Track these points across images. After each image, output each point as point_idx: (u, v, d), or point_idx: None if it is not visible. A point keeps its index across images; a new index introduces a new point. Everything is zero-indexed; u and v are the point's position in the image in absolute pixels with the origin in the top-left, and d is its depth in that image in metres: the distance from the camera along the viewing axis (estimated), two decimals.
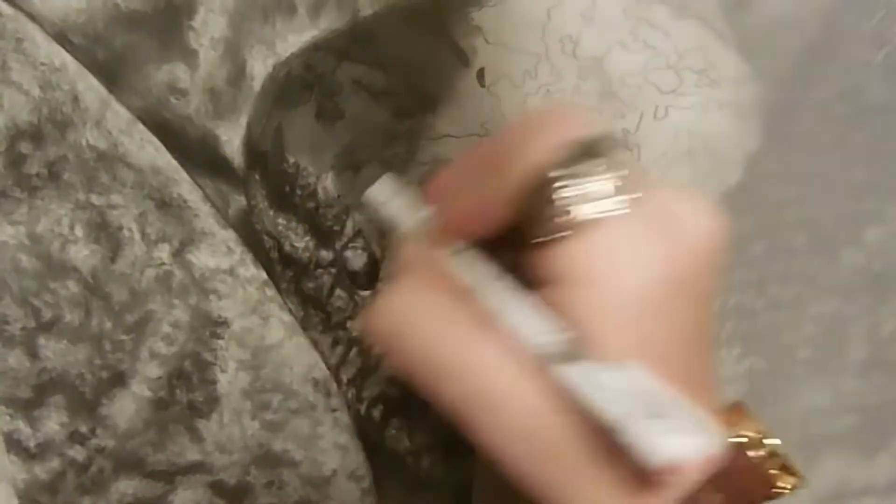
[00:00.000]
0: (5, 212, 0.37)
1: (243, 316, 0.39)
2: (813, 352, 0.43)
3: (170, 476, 0.40)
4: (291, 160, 0.38)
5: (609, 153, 0.27)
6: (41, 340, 0.38)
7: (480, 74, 0.39)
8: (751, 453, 0.29)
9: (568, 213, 0.27)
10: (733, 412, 0.30)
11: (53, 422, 0.39)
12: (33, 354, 0.38)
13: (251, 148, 0.38)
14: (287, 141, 0.38)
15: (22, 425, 0.39)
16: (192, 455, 0.40)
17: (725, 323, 0.43)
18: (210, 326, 0.39)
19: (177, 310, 0.39)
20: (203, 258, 0.39)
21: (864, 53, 0.40)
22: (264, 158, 0.38)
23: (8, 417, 0.39)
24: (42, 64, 0.36)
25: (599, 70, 0.39)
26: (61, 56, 0.36)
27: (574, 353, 0.26)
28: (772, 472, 0.29)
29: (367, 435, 0.41)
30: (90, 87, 0.36)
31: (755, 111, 0.41)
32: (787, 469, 0.29)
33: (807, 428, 0.44)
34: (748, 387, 0.43)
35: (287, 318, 0.40)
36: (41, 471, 0.39)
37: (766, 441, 0.29)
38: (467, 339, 0.28)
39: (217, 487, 0.40)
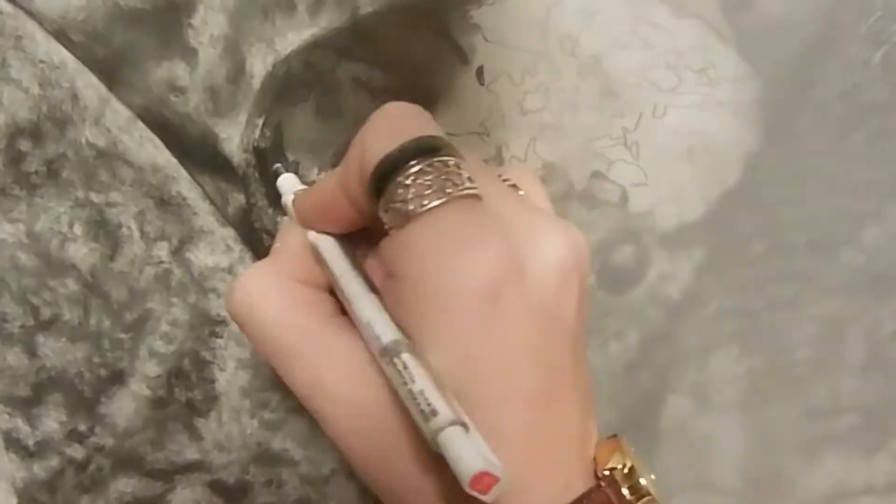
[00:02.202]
0: (4, 210, 0.37)
1: None
2: (813, 352, 0.43)
3: (168, 475, 0.40)
4: (291, 158, 0.38)
5: (444, 153, 0.27)
6: (40, 339, 0.38)
7: (480, 72, 0.39)
8: (623, 490, 0.28)
9: (398, 208, 0.27)
10: (608, 444, 0.29)
11: (52, 420, 0.39)
12: (32, 353, 0.38)
13: (251, 146, 0.38)
14: (287, 139, 0.38)
15: (21, 423, 0.39)
16: (191, 454, 0.40)
17: (725, 322, 0.43)
18: (209, 325, 0.39)
19: (176, 308, 0.39)
20: (202, 256, 0.39)
21: (862, 53, 0.40)
22: (264, 156, 0.38)
23: (7, 416, 0.39)
24: (41, 61, 0.36)
25: (599, 69, 0.39)
26: (61, 54, 0.36)
27: (401, 354, 0.26)
28: None
29: None
30: (89, 85, 0.36)
31: (754, 110, 0.41)
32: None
33: (807, 428, 0.44)
34: (748, 387, 0.43)
35: None
36: (40, 469, 0.39)
37: (638, 477, 0.28)
38: (308, 327, 0.29)
39: (216, 486, 0.40)
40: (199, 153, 0.38)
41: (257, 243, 0.39)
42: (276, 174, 0.35)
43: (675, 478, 0.44)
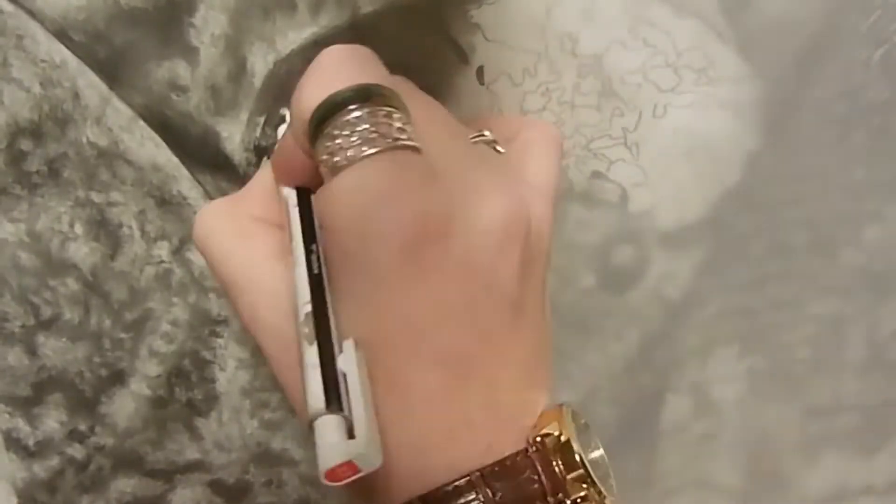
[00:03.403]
0: (5, 209, 0.37)
1: None
2: (813, 352, 0.43)
3: (169, 475, 0.40)
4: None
5: (379, 101, 0.27)
6: (40, 338, 0.38)
7: (480, 72, 0.39)
8: (553, 460, 0.26)
9: (327, 160, 0.27)
10: (548, 414, 0.28)
11: (53, 420, 0.39)
12: (33, 352, 0.38)
13: (252, 145, 0.38)
14: None
15: (21, 423, 0.39)
16: (192, 453, 0.40)
17: (725, 322, 0.43)
18: (209, 325, 0.39)
19: (176, 308, 0.39)
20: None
21: (862, 53, 0.40)
22: (265, 155, 0.38)
23: (7, 415, 0.39)
24: (42, 61, 0.36)
25: (599, 68, 0.39)
26: (62, 53, 0.36)
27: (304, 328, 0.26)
28: (567, 481, 0.26)
29: None
30: (91, 85, 0.36)
31: (754, 110, 0.41)
32: (589, 482, 0.27)
33: (806, 428, 0.44)
34: (748, 387, 0.43)
35: None
36: (40, 469, 0.39)
37: (575, 452, 0.27)
38: (252, 263, 0.29)
39: (216, 486, 0.40)
40: (200, 152, 0.38)
41: None
42: (283, 119, 0.34)
43: (675, 478, 0.44)
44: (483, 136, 0.32)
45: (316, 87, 0.27)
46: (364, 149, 0.26)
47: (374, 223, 0.26)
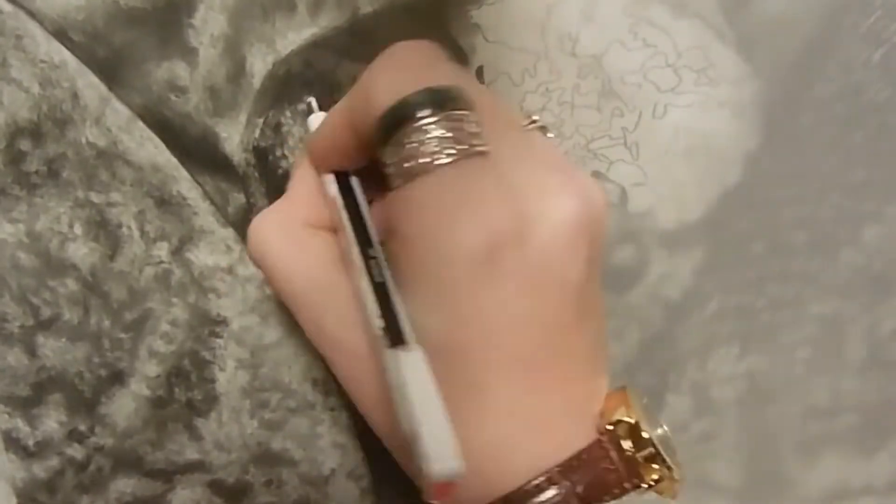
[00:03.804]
0: (4, 209, 0.37)
1: (242, 314, 0.39)
2: (812, 351, 0.43)
3: (168, 475, 0.40)
4: (291, 158, 0.38)
5: (455, 105, 0.26)
6: (40, 339, 0.38)
7: (479, 72, 0.39)
8: (624, 444, 0.27)
9: (401, 164, 0.26)
10: (613, 397, 0.28)
11: (52, 420, 0.39)
12: (32, 353, 0.38)
13: (251, 145, 0.38)
14: (286, 139, 0.38)
15: (21, 424, 0.39)
16: (191, 454, 0.40)
17: (725, 322, 0.43)
18: (209, 325, 0.39)
19: (176, 308, 0.39)
20: (202, 256, 0.39)
21: (861, 53, 0.40)
22: (264, 156, 0.38)
23: (7, 416, 0.38)
24: (42, 61, 0.36)
25: (599, 68, 0.39)
26: (61, 53, 0.36)
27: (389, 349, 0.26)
28: (640, 463, 0.27)
29: (367, 434, 0.41)
30: (90, 85, 0.36)
31: (754, 110, 0.41)
32: (659, 461, 0.27)
33: (806, 428, 0.44)
34: (748, 386, 0.43)
35: (286, 316, 0.39)
36: (40, 469, 0.39)
37: (643, 431, 0.27)
38: (313, 274, 0.29)
39: (216, 486, 0.40)
40: (199, 153, 0.38)
41: None
42: (309, 109, 0.34)
43: None
44: (534, 121, 0.31)
45: (388, 84, 0.27)
46: (439, 156, 0.26)
47: (451, 232, 0.26)
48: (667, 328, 0.43)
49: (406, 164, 0.26)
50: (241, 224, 0.39)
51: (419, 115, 0.26)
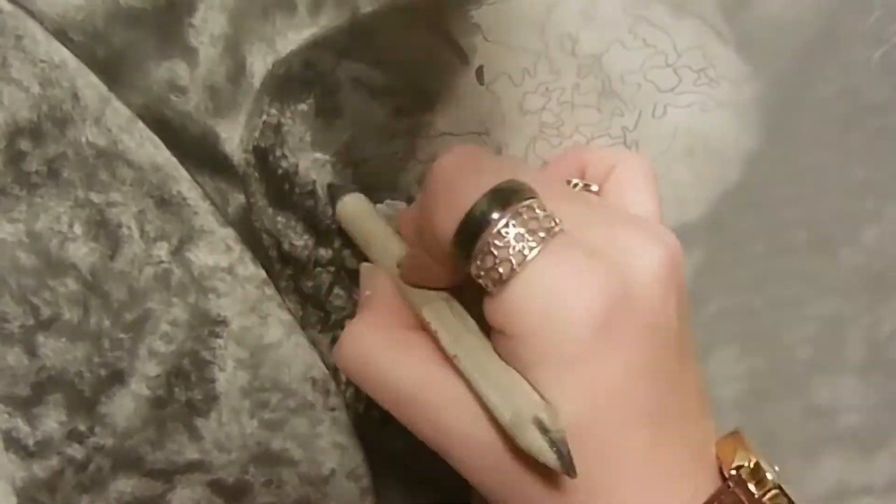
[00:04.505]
0: (4, 209, 0.37)
1: (242, 314, 0.39)
2: (813, 352, 0.43)
3: (168, 475, 0.40)
4: (291, 158, 0.38)
5: (519, 198, 0.27)
6: (40, 338, 0.38)
7: (479, 72, 0.39)
8: (750, 486, 0.28)
9: (489, 273, 0.27)
10: (728, 443, 0.29)
11: (52, 420, 0.39)
12: (32, 352, 0.38)
13: (251, 145, 0.38)
14: (286, 139, 0.38)
15: (20, 423, 0.39)
16: (191, 454, 0.40)
17: (725, 322, 0.43)
18: (209, 325, 0.39)
19: (175, 308, 0.39)
20: (202, 256, 0.39)
21: (861, 53, 0.40)
22: (264, 156, 0.38)
23: (6, 416, 0.38)
24: (42, 61, 0.36)
25: (598, 68, 0.39)
26: (61, 53, 0.36)
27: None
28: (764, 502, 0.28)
29: (367, 434, 0.41)
30: (90, 85, 0.36)
31: (754, 110, 0.41)
32: (786, 500, 0.28)
33: (806, 428, 0.44)
34: (748, 387, 0.43)
35: (286, 316, 0.39)
36: (39, 469, 0.39)
37: (765, 472, 0.28)
38: (424, 375, 0.29)
39: (216, 486, 0.40)
40: (199, 153, 0.38)
41: (257, 243, 0.39)
42: (345, 190, 0.34)
43: None
44: (577, 183, 0.32)
45: (446, 209, 0.27)
46: (525, 253, 0.26)
47: (561, 317, 0.26)
48: None
49: (496, 272, 0.26)
50: (241, 224, 0.39)
51: (490, 220, 0.26)
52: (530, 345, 0.27)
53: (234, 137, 0.38)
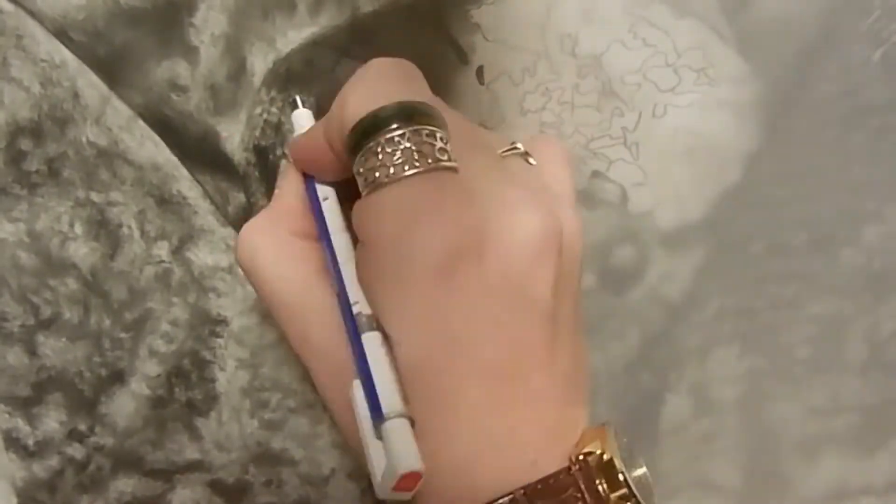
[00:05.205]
0: (5, 209, 0.37)
1: (242, 314, 0.39)
2: (812, 352, 0.43)
3: (168, 474, 0.40)
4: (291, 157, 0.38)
5: (423, 121, 0.27)
6: (40, 338, 0.38)
7: (479, 72, 0.39)
8: (598, 480, 0.26)
9: (368, 174, 0.27)
10: (591, 432, 0.28)
11: (52, 420, 0.39)
12: (32, 352, 0.38)
13: (251, 145, 0.38)
14: (287, 137, 0.38)
15: (21, 423, 0.39)
16: (191, 453, 0.40)
17: (725, 322, 0.43)
18: (209, 325, 0.39)
19: (176, 308, 0.39)
20: (202, 256, 0.39)
21: (862, 53, 0.40)
22: (264, 155, 0.38)
23: (7, 415, 0.38)
24: (42, 60, 0.36)
25: (598, 68, 0.39)
26: (61, 53, 0.36)
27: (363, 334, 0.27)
28: (610, 499, 0.26)
29: None
30: (90, 84, 0.36)
31: (754, 110, 0.41)
32: (630, 501, 0.26)
33: (806, 428, 0.44)
34: (748, 386, 0.43)
35: None
36: (40, 469, 0.39)
37: (619, 472, 0.26)
38: (298, 283, 0.30)
39: (216, 486, 0.40)
40: (199, 152, 0.38)
41: None
42: (294, 105, 0.34)
43: (675, 478, 0.44)
44: (516, 148, 0.32)
45: (361, 98, 0.28)
46: (405, 168, 0.26)
47: (411, 242, 0.26)
48: (667, 328, 0.43)
49: (374, 174, 0.27)
50: (241, 223, 0.39)
51: (388, 127, 0.27)
52: (377, 260, 0.27)
53: (234, 136, 0.38)
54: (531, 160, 0.32)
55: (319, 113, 0.32)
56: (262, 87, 0.38)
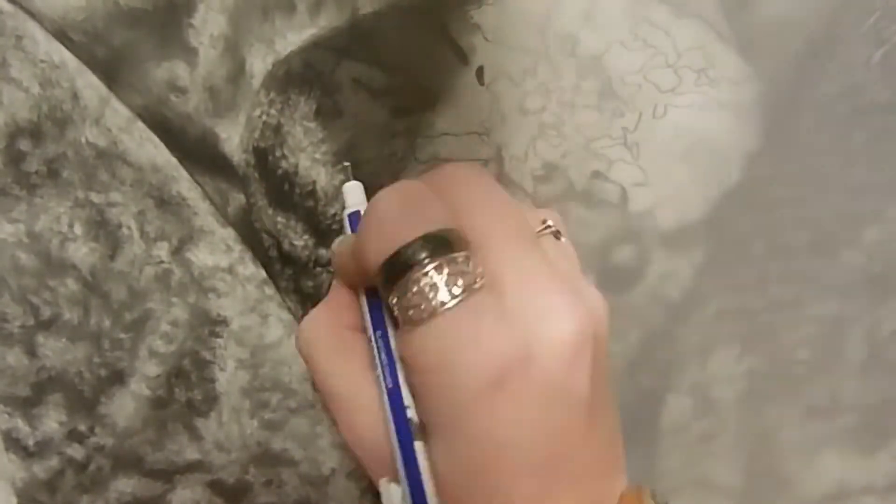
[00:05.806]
0: (4, 209, 0.37)
1: (242, 314, 0.39)
2: (812, 352, 0.43)
3: (168, 475, 0.40)
4: (291, 158, 0.38)
5: (448, 250, 0.28)
6: (40, 339, 0.38)
7: (479, 73, 0.39)
8: None
9: (404, 312, 0.28)
10: (628, 496, 0.30)
11: (52, 420, 0.39)
12: (32, 353, 0.38)
13: (251, 146, 0.38)
14: (286, 139, 0.38)
15: (21, 424, 0.39)
16: (191, 454, 0.40)
17: (725, 322, 0.43)
18: (209, 325, 0.39)
19: (176, 308, 0.39)
20: (202, 256, 0.39)
21: (862, 53, 0.40)
22: (264, 156, 0.38)
23: (7, 416, 0.39)
24: (42, 61, 0.36)
25: (599, 68, 0.39)
26: (61, 53, 0.36)
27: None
28: None
29: None
30: (90, 85, 0.36)
31: (754, 110, 0.41)
32: None
33: (806, 428, 0.44)
34: (748, 387, 0.43)
35: (286, 316, 0.39)
36: (40, 469, 0.39)
37: None
38: (348, 375, 0.32)
39: (216, 486, 0.40)
40: (199, 153, 0.38)
41: (257, 243, 0.39)
42: (346, 177, 0.35)
43: (675, 478, 0.44)
44: (549, 226, 0.33)
45: (379, 240, 0.29)
46: (442, 301, 0.27)
47: (459, 369, 0.27)
48: (667, 328, 0.43)
49: (410, 312, 0.28)
50: (241, 224, 0.39)
51: (417, 265, 0.28)
52: (426, 384, 0.28)
53: (233, 138, 0.38)
54: (563, 239, 0.33)
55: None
56: (262, 89, 0.37)
